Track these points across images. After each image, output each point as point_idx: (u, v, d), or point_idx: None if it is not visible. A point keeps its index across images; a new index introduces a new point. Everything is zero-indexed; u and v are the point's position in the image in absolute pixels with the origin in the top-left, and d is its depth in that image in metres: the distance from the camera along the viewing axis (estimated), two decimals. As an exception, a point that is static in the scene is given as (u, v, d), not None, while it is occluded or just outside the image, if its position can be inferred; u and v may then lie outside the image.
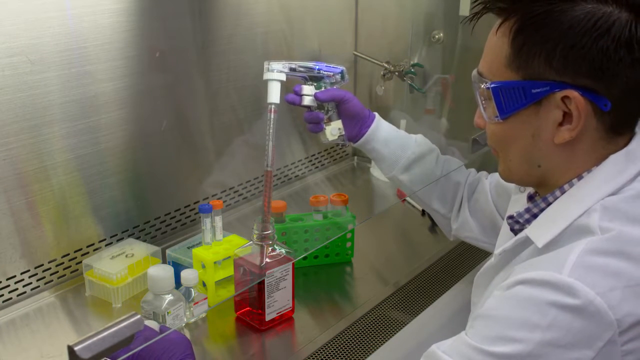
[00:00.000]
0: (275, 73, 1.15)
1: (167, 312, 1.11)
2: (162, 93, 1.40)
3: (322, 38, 1.76)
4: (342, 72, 1.23)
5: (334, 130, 1.22)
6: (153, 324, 1.01)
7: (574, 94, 0.79)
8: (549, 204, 0.87)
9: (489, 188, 1.22)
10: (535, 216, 0.89)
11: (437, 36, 1.71)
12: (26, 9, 1.14)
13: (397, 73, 1.75)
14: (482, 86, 0.86)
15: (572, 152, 0.84)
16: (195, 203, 1.53)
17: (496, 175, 1.19)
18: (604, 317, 0.72)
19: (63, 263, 1.30)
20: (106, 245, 1.36)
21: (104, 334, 0.73)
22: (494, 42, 0.85)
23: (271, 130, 1.12)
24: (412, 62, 1.76)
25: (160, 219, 1.47)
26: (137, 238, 1.41)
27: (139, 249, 1.32)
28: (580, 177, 0.85)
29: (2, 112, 1.15)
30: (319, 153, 1.85)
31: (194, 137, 1.50)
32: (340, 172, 1.90)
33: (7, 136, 1.16)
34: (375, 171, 1.85)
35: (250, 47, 1.56)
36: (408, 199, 1.71)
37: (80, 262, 1.30)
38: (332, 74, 1.22)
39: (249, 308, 1.20)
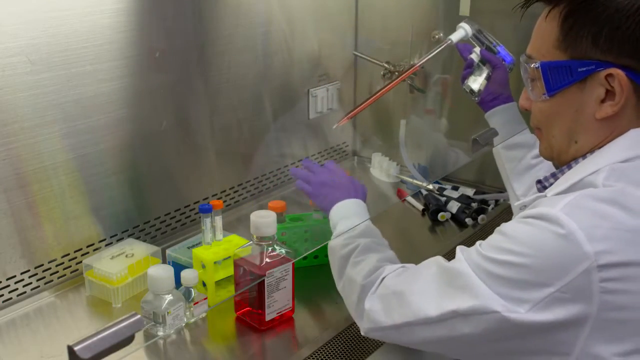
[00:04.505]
0: (469, 27, 1.40)
1: (167, 312, 1.11)
2: (162, 93, 1.40)
3: (322, 38, 1.76)
4: (510, 63, 1.41)
5: (477, 81, 1.39)
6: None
7: (617, 71, 0.86)
8: (571, 169, 0.95)
9: None
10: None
11: (437, 36, 1.71)
12: (26, 9, 1.14)
13: (397, 73, 1.75)
14: (532, 66, 0.93)
15: (608, 129, 0.91)
16: (195, 203, 1.53)
17: None
18: (582, 248, 0.80)
19: (63, 263, 1.30)
20: (106, 245, 1.36)
21: (104, 334, 0.73)
22: (544, 26, 0.92)
23: (438, 50, 1.42)
24: (412, 62, 1.76)
25: (160, 219, 1.47)
26: (137, 238, 1.41)
27: (139, 249, 1.32)
28: (601, 148, 0.92)
29: (2, 112, 1.15)
30: (318, 153, 1.85)
31: (194, 137, 1.50)
32: (340, 172, 1.90)
33: (7, 136, 1.16)
34: (375, 171, 1.85)
35: (250, 47, 1.56)
36: (408, 198, 1.72)
37: (80, 262, 1.30)
38: (502, 58, 1.41)
39: (249, 308, 1.20)
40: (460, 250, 0.93)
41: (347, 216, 1.16)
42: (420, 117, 1.81)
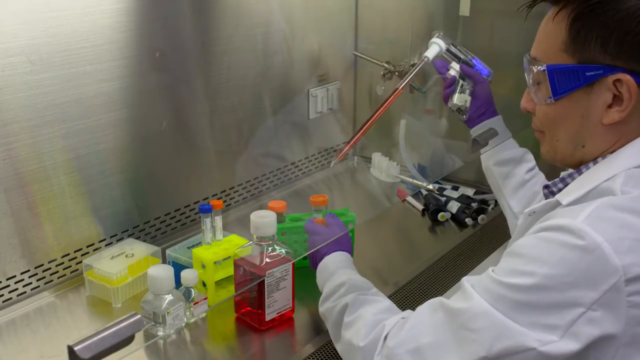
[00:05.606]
0: (442, 42, 1.41)
1: (167, 312, 1.11)
2: (162, 93, 1.40)
3: (322, 38, 1.76)
4: (488, 74, 1.42)
5: (461, 98, 1.38)
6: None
7: (626, 77, 0.85)
8: (581, 174, 0.93)
9: None
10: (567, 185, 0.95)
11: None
12: (26, 9, 1.14)
13: (397, 73, 1.75)
14: (539, 68, 0.91)
15: (616, 134, 0.89)
16: (195, 203, 1.53)
17: None
18: (610, 261, 0.77)
19: (63, 263, 1.30)
20: (106, 245, 1.36)
21: (104, 334, 0.74)
22: (550, 28, 0.90)
23: (416, 70, 1.46)
24: (412, 62, 1.76)
25: (160, 219, 1.47)
26: (137, 238, 1.41)
27: (139, 249, 1.32)
28: (613, 152, 0.90)
29: (2, 112, 1.15)
30: (318, 153, 1.85)
31: (194, 137, 1.50)
32: (340, 172, 1.90)
33: (7, 136, 1.16)
34: (375, 171, 1.85)
35: (250, 47, 1.56)
36: (408, 198, 1.72)
37: (80, 262, 1.30)
38: (478, 71, 1.41)
39: (249, 308, 1.20)
40: (468, 283, 0.87)
41: (333, 271, 1.13)
42: (420, 117, 1.82)
